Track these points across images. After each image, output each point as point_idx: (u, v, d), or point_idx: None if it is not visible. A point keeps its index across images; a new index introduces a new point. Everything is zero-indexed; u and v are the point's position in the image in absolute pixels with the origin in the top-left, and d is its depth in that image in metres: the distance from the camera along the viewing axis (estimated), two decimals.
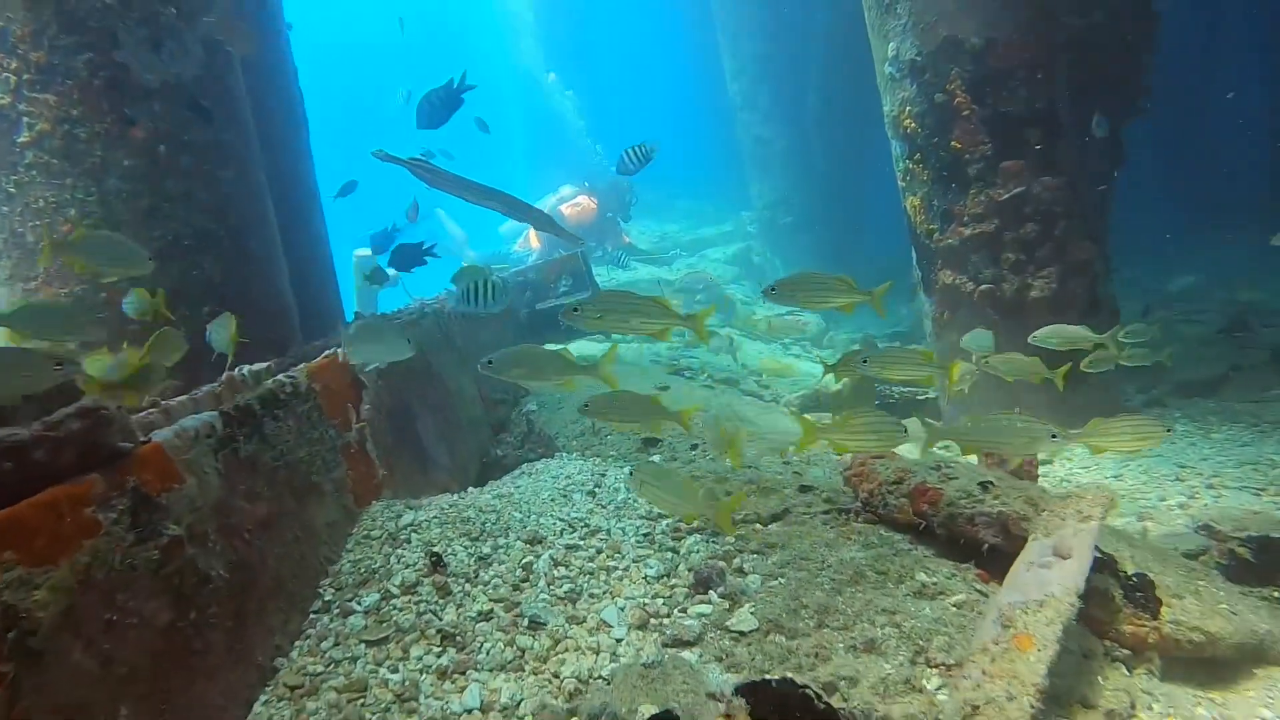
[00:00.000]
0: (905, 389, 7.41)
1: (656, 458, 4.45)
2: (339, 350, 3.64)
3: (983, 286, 6.44)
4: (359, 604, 2.50)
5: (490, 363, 2.82)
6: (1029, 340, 4.91)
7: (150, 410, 3.32)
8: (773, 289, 3.15)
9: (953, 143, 6.39)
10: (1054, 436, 2.48)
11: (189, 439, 2.15)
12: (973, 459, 4.55)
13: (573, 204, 13.12)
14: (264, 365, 3.83)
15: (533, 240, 13.40)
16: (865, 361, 3.26)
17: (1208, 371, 7.51)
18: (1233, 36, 14.57)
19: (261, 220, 5.02)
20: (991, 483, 3.08)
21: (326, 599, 2.53)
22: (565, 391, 3.19)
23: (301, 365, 3.29)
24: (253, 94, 5.30)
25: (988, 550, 2.91)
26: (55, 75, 4.00)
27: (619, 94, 21.46)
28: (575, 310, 2.74)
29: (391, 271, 6.86)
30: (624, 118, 20.86)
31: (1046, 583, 2.19)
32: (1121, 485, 5.22)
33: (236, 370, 3.70)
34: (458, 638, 2.35)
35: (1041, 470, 4.66)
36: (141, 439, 1.99)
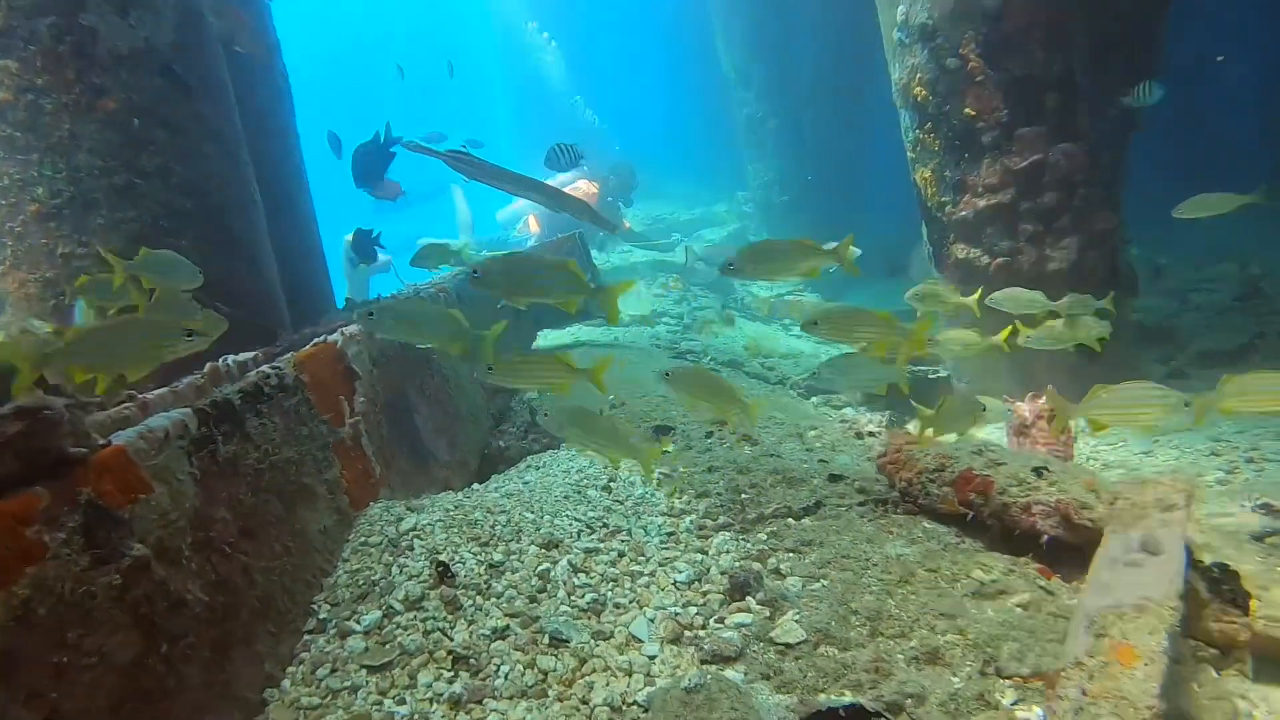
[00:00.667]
0: (916, 367, 7.15)
1: (670, 447, 4.18)
2: (329, 337, 3.35)
3: (999, 260, 6.20)
4: (358, 623, 2.21)
5: (371, 315, 2.65)
6: (986, 302, 4.71)
7: (125, 404, 3.03)
8: (730, 265, 2.92)
9: (966, 110, 6.12)
10: (1187, 405, 2.23)
11: (157, 441, 1.85)
12: (981, 434, 4.30)
13: (572, 189, 12.78)
14: (250, 355, 3.55)
15: (532, 225, 13.08)
16: (817, 324, 3.01)
17: (1229, 341, 7.30)
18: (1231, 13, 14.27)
19: (245, 199, 4.72)
20: (1046, 468, 2.82)
21: (322, 617, 2.25)
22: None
23: (288, 355, 3.00)
24: (233, 68, 4.97)
25: (1047, 543, 2.66)
26: (15, 40, 3.71)
27: (613, 78, 20.99)
28: (476, 274, 2.61)
29: (383, 256, 6.55)
30: (618, 94, 20.44)
31: (1139, 584, 1.93)
32: (1154, 462, 4.98)
33: (221, 360, 3.42)
34: (471, 660, 2.08)
35: None
36: (100, 442, 1.70)
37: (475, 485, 3.61)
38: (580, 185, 12.80)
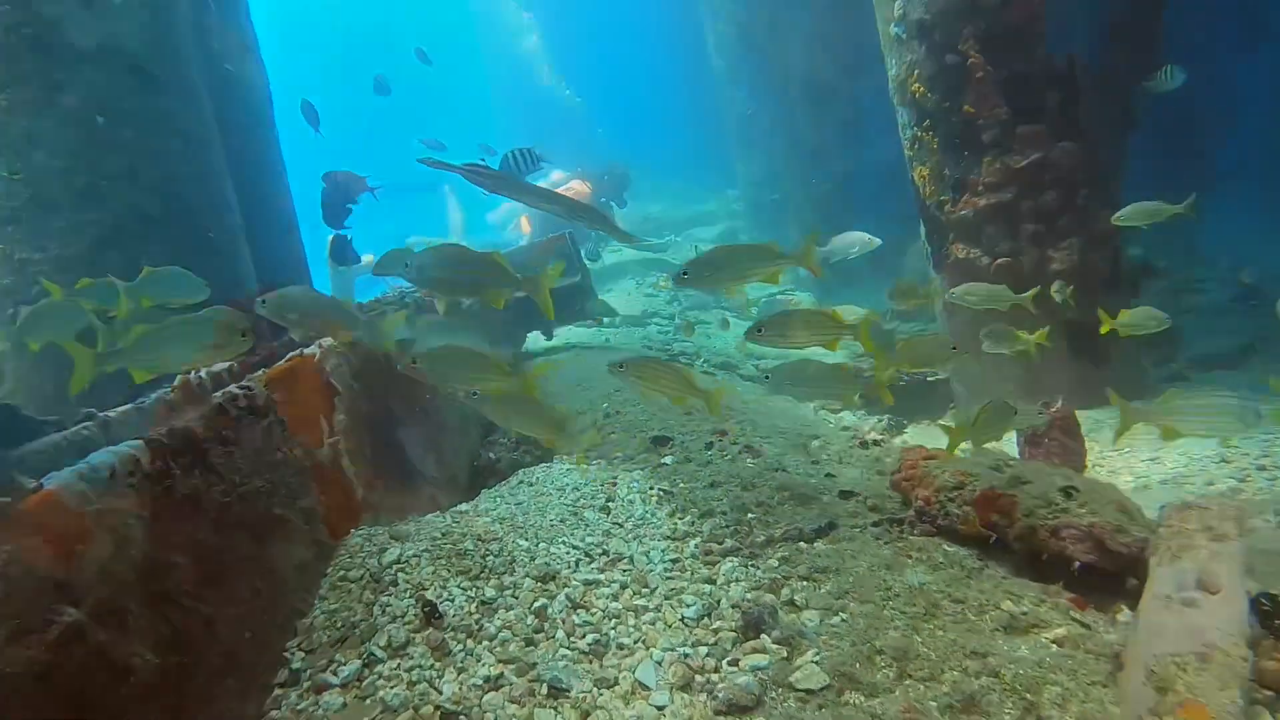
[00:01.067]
0: (915, 372, 6.98)
1: (668, 459, 3.98)
2: (306, 350, 3.13)
3: (999, 260, 6.06)
4: (336, 674, 1.99)
5: (264, 302, 2.67)
6: (947, 297, 4.58)
7: (84, 424, 2.80)
8: (684, 274, 2.76)
9: (965, 107, 5.97)
10: (1260, 416, 2.07)
11: (100, 481, 1.63)
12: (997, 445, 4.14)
13: (565, 190, 12.57)
14: (224, 366, 3.33)
15: (524, 226, 12.92)
16: (761, 331, 2.84)
17: (1227, 343, 7.20)
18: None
19: (219, 201, 4.49)
20: (1075, 488, 2.64)
21: (295, 667, 2.03)
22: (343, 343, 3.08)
23: (260, 372, 2.77)
24: (206, 65, 4.74)
25: (1079, 569, 2.48)
26: None
27: (605, 76, 20.77)
28: (406, 267, 2.67)
29: (365, 258, 6.34)
30: (611, 94, 20.23)
31: (1199, 627, 1.75)
32: (1162, 469, 4.83)
33: (192, 374, 3.21)
34: (461, 716, 1.87)
35: None
36: (30, 485, 1.48)
37: (464, 506, 3.39)
38: (573, 186, 12.60)
